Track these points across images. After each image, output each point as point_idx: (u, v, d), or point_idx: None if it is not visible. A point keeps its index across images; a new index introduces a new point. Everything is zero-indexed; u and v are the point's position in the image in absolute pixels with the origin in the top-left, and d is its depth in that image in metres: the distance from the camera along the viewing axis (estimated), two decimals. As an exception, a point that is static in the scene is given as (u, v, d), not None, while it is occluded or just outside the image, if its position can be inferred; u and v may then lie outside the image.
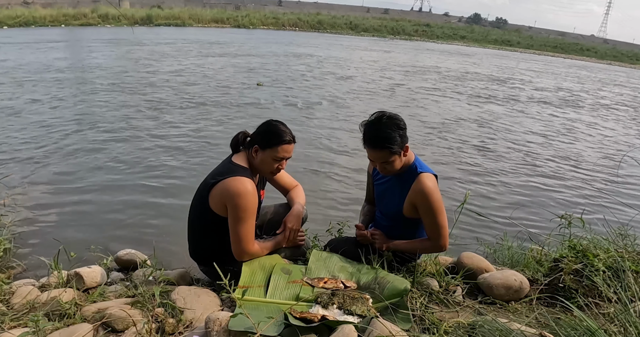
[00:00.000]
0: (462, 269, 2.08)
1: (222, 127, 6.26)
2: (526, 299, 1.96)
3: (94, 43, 16.20)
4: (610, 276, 1.85)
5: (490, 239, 3.19)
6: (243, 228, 1.87)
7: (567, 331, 1.44)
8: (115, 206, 3.66)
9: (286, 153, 1.93)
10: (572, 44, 43.55)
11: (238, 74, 10.96)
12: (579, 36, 64.53)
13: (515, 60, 25.57)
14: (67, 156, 4.71)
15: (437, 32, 40.85)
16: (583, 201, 4.66)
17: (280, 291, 1.81)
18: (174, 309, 1.69)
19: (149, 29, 25.34)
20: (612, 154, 6.75)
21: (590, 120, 9.36)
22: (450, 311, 1.83)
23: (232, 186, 1.83)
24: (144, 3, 36.75)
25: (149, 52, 14.11)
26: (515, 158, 6.00)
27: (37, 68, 9.95)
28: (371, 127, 1.87)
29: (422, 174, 1.93)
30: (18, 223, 3.19)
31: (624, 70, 29.13)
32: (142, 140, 5.40)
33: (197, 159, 4.91)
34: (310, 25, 36.01)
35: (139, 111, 6.77)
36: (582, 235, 2.36)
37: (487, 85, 13.11)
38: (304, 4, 55.34)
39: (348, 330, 1.45)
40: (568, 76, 19.17)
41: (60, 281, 2.03)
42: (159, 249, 2.64)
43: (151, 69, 10.85)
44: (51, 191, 3.85)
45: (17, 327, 1.58)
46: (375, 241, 2.10)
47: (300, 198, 2.23)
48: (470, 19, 65.44)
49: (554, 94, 12.72)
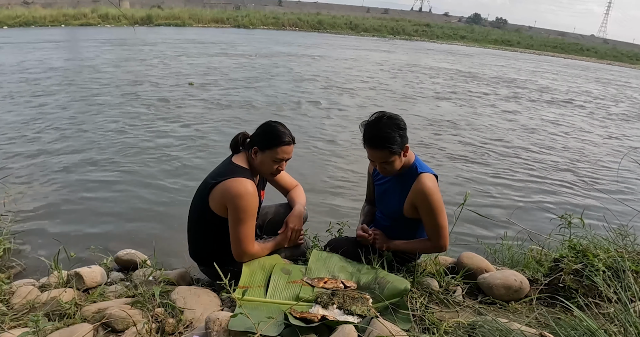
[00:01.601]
0: (462, 269, 2.08)
1: (223, 127, 6.27)
2: (526, 299, 1.96)
3: (94, 43, 16.19)
4: (610, 276, 1.85)
5: (490, 239, 3.19)
6: (243, 229, 1.87)
7: (567, 331, 1.44)
8: (116, 206, 3.66)
9: (286, 154, 1.92)
10: (572, 44, 43.53)
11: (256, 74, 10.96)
12: (579, 36, 64.49)
13: (518, 60, 25.55)
14: (67, 156, 4.70)
15: (437, 32, 40.84)
16: (583, 201, 4.66)
17: (280, 291, 1.81)
18: (174, 309, 1.69)
19: (149, 29, 25.33)
20: (612, 154, 6.76)
21: (590, 120, 9.36)
22: (450, 311, 1.83)
23: (232, 187, 1.83)
24: (144, 3, 36.73)
25: (158, 53, 14.11)
26: (515, 158, 6.00)
27: (34, 67, 9.95)
28: (371, 127, 1.87)
29: (422, 174, 1.93)
30: (18, 223, 3.19)
31: (624, 70, 29.12)
32: (142, 141, 5.40)
33: (197, 158, 4.91)
34: (310, 25, 36.00)
35: (139, 111, 6.77)
36: (582, 235, 2.36)
37: (487, 85, 13.11)
38: (304, 4, 55.30)
39: (348, 330, 1.45)
40: (568, 76, 19.17)
41: (60, 281, 2.03)
42: (159, 249, 2.64)
43: (157, 68, 10.85)
44: (51, 191, 3.85)
45: (17, 327, 1.58)
46: (376, 241, 2.10)
47: (300, 198, 2.23)
48: (470, 19, 65.41)
49: (554, 94, 12.71)
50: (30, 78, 8.74)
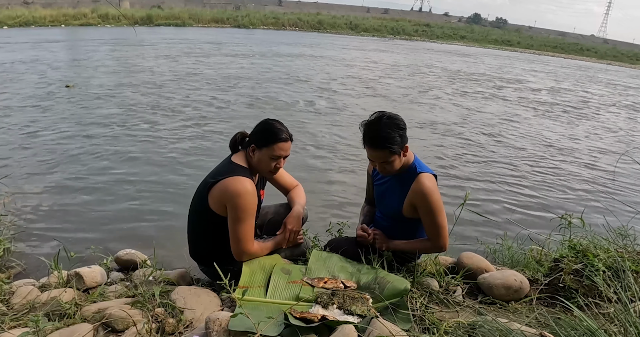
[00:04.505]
0: (462, 269, 2.08)
1: (224, 127, 6.27)
2: (526, 299, 1.96)
3: (94, 43, 16.18)
4: (610, 276, 1.85)
5: (490, 239, 3.18)
6: (243, 228, 1.87)
7: (567, 331, 1.44)
8: (116, 206, 3.66)
9: (283, 151, 1.92)
10: (572, 44, 43.49)
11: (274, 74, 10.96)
12: (579, 36, 64.41)
13: (518, 60, 25.55)
14: (67, 156, 4.70)
15: (437, 32, 40.81)
16: (583, 201, 4.66)
17: (280, 291, 1.81)
18: (174, 309, 1.69)
19: (149, 29, 25.33)
20: (612, 153, 6.75)
21: (590, 119, 9.36)
22: (450, 311, 1.83)
23: (231, 185, 1.82)
24: (144, 3, 36.68)
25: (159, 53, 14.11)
26: (515, 158, 6.00)
27: (34, 64, 9.96)
28: (371, 127, 1.87)
29: (421, 174, 1.93)
30: (18, 223, 3.19)
31: (624, 70, 29.12)
32: (142, 141, 5.40)
33: (198, 158, 4.91)
34: (311, 25, 35.98)
35: (139, 111, 6.77)
36: (582, 235, 2.36)
37: (488, 85, 13.11)
38: (304, 4, 55.21)
39: (348, 330, 1.45)
40: (567, 76, 19.17)
41: (60, 281, 2.03)
42: (159, 249, 2.64)
43: (157, 69, 10.86)
44: (51, 191, 3.85)
45: (17, 327, 1.58)
46: (376, 241, 2.10)
47: (300, 198, 2.23)
48: (470, 19, 65.34)
49: (553, 95, 12.71)
50: (29, 77, 8.74)
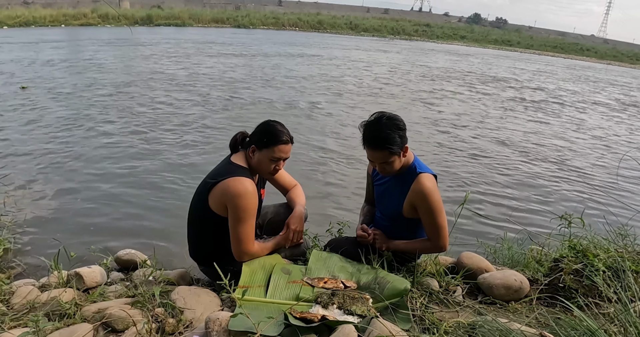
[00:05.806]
0: (462, 269, 2.08)
1: (224, 127, 6.27)
2: (526, 299, 1.96)
3: (94, 43, 16.18)
4: (610, 276, 1.84)
5: (490, 239, 3.18)
6: (243, 228, 1.87)
7: (567, 331, 1.44)
8: (116, 206, 3.66)
9: (283, 154, 1.91)
10: (572, 44, 43.50)
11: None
12: (579, 36, 64.39)
13: (520, 61, 25.55)
14: (67, 156, 4.70)
15: (437, 32, 40.82)
16: (583, 201, 4.66)
17: (280, 291, 1.81)
18: (174, 309, 1.69)
19: (149, 29, 25.33)
20: (612, 153, 6.75)
21: (590, 120, 9.36)
22: (450, 311, 1.83)
23: (232, 186, 1.82)
24: (144, 3, 36.65)
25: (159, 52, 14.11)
26: (515, 158, 6.00)
27: (29, 65, 9.96)
28: (371, 128, 1.87)
29: (421, 175, 1.93)
30: (18, 223, 3.19)
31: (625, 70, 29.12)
32: (142, 141, 5.40)
33: (196, 158, 4.91)
34: (311, 25, 35.98)
35: (139, 111, 6.77)
36: (582, 235, 2.36)
37: (487, 85, 13.11)
38: (304, 4, 55.19)
39: (348, 330, 1.45)
40: (567, 76, 19.16)
41: (60, 281, 2.03)
42: (159, 249, 2.65)
43: (156, 69, 10.86)
44: (51, 191, 3.85)
45: (17, 327, 1.58)
46: (376, 241, 2.10)
47: (300, 198, 2.23)
48: (470, 19, 65.30)
49: (552, 95, 12.71)
50: (29, 77, 8.74)
